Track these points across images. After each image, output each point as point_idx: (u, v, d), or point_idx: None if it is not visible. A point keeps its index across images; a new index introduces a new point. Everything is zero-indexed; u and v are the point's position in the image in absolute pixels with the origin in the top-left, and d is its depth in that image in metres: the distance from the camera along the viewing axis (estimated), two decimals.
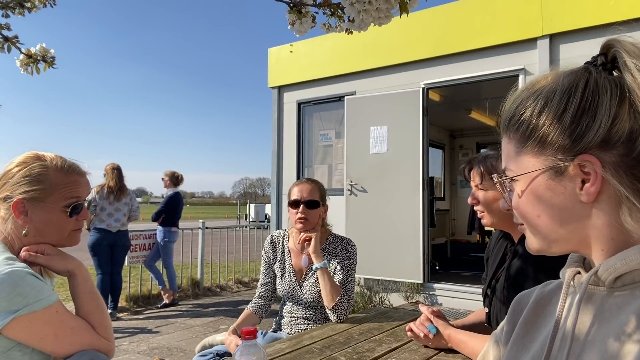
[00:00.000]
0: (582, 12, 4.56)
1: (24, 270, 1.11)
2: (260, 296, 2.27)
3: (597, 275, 0.62)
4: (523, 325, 0.75)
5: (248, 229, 9.01)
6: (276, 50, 6.95)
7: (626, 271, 0.59)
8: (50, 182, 1.23)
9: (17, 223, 1.21)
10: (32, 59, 1.61)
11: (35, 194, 1.22)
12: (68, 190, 1.26)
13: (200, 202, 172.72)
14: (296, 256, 2.23)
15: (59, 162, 1.27)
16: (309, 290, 2.14)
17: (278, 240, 2.30)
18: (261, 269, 2.32)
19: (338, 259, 2.14)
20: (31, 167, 1.23)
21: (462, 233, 9.14)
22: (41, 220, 1.23)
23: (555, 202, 0.63)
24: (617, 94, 0.58)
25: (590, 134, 0.59)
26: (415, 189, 5.44)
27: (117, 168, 5.53)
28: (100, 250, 5.33)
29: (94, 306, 1.26)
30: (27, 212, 1.22)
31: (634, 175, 0.58)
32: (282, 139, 6.88)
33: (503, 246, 1.63)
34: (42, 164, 1.25)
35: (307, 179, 2.28)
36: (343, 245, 2.18)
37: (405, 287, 5.52)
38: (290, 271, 2.20)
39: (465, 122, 8.89)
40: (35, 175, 1.23)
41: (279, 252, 2.27)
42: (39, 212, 1.22)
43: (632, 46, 0.60)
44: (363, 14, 0.90)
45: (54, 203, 1.23)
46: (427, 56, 5.55)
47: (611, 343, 0.57)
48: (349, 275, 2.12)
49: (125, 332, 4.92)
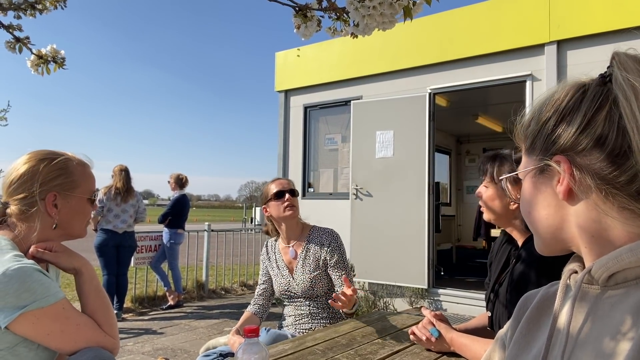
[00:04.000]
0: (589, 19, 4.56)
1: (31, 267, 1.13)
2: (259, 294, 2.36)
3: (590, 274, 0.63)
4: (526, 324, 0.76)
5: (253, 232, 9.03)
6: (283, 54, 6.98)
7: (619, 269, 0.60)
8: (76, 174, 1.30)
9: (47, 218, 1.25)
10: (42, 60, 1.65)
11: (67, 186, 1.27)
12: (90, 182, 1.34)
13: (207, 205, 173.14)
14: (285, 252, 2.34)
15: (75, 156, 1.34)
16: (301, 279, 2.23)
17: (271, 244, 2.43)
18: (260, 273, 2.45)
19: (329, 249, 2.23)
20: (57, 162, 1.28)
21: (468, 239, 9.10)
22: (70, 211, 1.28)
23: (540, 200, 0.69)
24: (598, 102, 0.62)
25: (564, 136, 0.64)
26: (421, 194, 5.43)
27: (125, 169, 5.57)
28: (106, 251, 5.36)
29: (99, 304, 1.28)
30: (56, 204, 1.26)
31: (602, 178, 0.61)
32: (288, 143, 6.90)
33: (507, 250, 1.63)
34: (66, 158, 1.30)
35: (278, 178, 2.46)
36: (327, 234, 2.30)
37: (410, 292, 5.51)
38: (282, 267, 2.31)
39: (472, 128, 8.87)
40: (65, 168, 1.28)
41: (272, 255, 2.39)
42: (69, 202, 1.28)
43: (625, 57, 0.63)
44: (367, 19, 0.92)
45: (82, 193, 1.31)
46: (434, 61, 5.56)
47: (604, 341, 0.58)
48: (347, 269, 2.25)
49: (130, 332, 4.94)
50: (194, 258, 7.19)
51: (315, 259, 2.23)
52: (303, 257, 2.25)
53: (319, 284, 2.22)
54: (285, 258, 2.32)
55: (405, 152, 5.58)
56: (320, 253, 2.23)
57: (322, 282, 2.22)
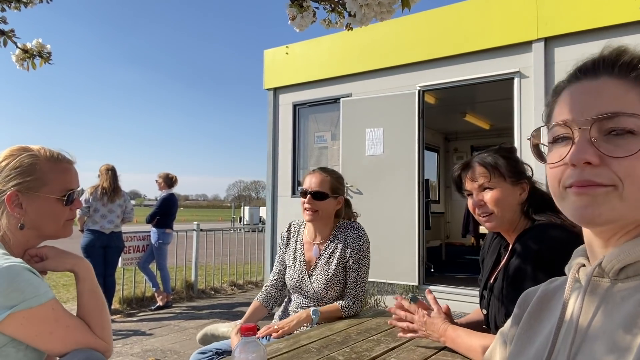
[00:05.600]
0: (577, 16, 4.59)
1: (21, 266, 1.09)
2: (272, 285, 2.24)
3: (601, 266, 0.63)
4: (527, 319, 0.75)
5: (242, 231, 8.98)
6: (272, 52, 6.94)
7: (630, 262, 0.60)
8: (43, 171, 1.22)
9: (11, 217, 1.20)
10: (28, 54, 1.60)
11: (30, 185, 1.20)
12: (62, 179, 1.25)
13: (194, 204, 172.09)
14: (308, 248, 2.19)
15: (47, 151, 1.26)
16: (317, 280, 2.10)
17: (295, 229, 2.27)
18: (276, 258, 2.30)
19: (350, 247, 2.09)
20: (20, 159, 1.21)
21: (457, 236, 9.16)
22: (37, 211, 1.22)
23: None
24: None
25: None
26: (411, 191, 5.44)
27: (112, 169, 5.50)
28: (93, 252, 5.28)
29: (93, 305, 1.25)
30: (21, 204, 1.20)
31: None
32: (277, 141, 6.87)
33: (498, 246, 1.62)
34: (31, 154, 1.23)
35: (321, 168, 2.22)
36: (353, 229, 2.12)
37: (401, 290, 5.51)
38: (301, 261, 2.17)
39: (460, 125, 8.92)
40: (27, 166, 1.21)
41: (292, 242, 2.24)
42: (35, 203, 1.21)
43: None
44: (365, 9, 0.90)
45: (49, 193, 1.23)
46: (423, 59, 5.57)
47: (616, 334, 0.57)
48: (360, 275, 2.08)
49: (119, 334, 4.88)
50: (182, 258, 7.12)
51: (337, 258, 2.09)
52: (326, 258, 2.11)
53: (334, 287, 2.09)
54: (307, 254, 2.17)
55: (395, 149, 5.58)
56: (343, 251, 2.10)
57: (338, 286, 2.10)
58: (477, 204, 1.48)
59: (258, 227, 11.46)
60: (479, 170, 1.49)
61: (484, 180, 1.47)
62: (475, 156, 1.56)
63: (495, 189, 1.45)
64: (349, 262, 2.09)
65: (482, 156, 1.52)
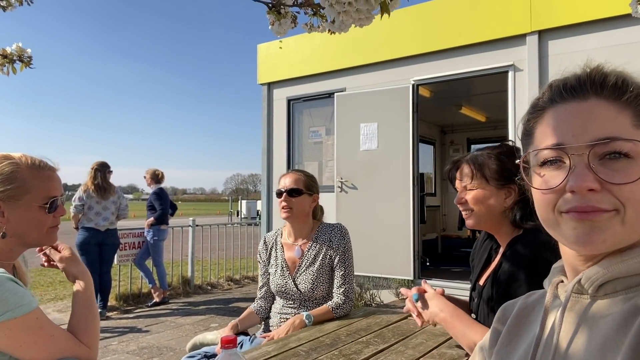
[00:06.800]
0: (570, 9, 4.57)
1: (3, 276, 1.09)
2: (260, 297, 2.29)
3: (580, 283, 0.62)
4: (506, 334, 0.75)
5: (239, 225, 8.97)
6: (265, 47, 6.90)
7: (608, 279, 0.60)
8: (24, 179, 1.22)
9: None
10: (7, 59, 1.58)
11: (11, 193, 1.20)
12: (44, 187, 1.25)
13: (192, 198, 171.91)
14: (289, 249, 2.22)
15: (28, 159, 1.26)
16: (303, 281, 2.13)
17: (270, 240, 2.31)
18: (259, 272, 2.35)
19: (334, 247, 2.13)
20: (1, 167, 1.20)
21: (453, 229, 9.17)
22: (19, 219, 1.21)
23: None
24: None
25: None
26: (406, 186, 5.44)
27: (101, 166, 5.47)
28: (88, 249, 5.27)
29: (86, 313, 1.27)
30: (3, 213, 1.20)
31: None
32: (272, 136, 6.85)
33: (488, 247, 1.61)
34: (12, 162, 1.22)
35: (294, 169, 2.30)
36: (336, 230, 2.18)
37: (396, 284, 5.53)
38: (283, 265, 2.19)
39: (456, 118, 8.91)
40: (8, 174, 1.20)
41: (272, 251, 2.28)
42: (16, 211, 1.21)
43: None
44: (343, 15, 0.88)
45: (31, 201, 1.22)
46: (417, 52, 5.54)
47: (594, 351, 0.57)
48: (348, 273, 2.13)
49: (115, 331, 4.88)
50: (179, 253, 7.12)
51: (321, 258, 2.12)
52: (310, 257, 2.14)
53: (321, 287, 2.11)
54: (288, 256, 2.21)
55: (389, 144, 5.57)
56: (327, 252, 2.13)
57: (324, 285, 2.12)
58: (459, 201, 1.51)
59: (255, 221, 11.45)
60: (465, 170, 1.51)
61: (467, 181, 1.49)
62: (470, 153, 1.57)
63: (477, 190, 1.46)
64: (335, 262, 2.12)
65: (476, 155, 1.52)
